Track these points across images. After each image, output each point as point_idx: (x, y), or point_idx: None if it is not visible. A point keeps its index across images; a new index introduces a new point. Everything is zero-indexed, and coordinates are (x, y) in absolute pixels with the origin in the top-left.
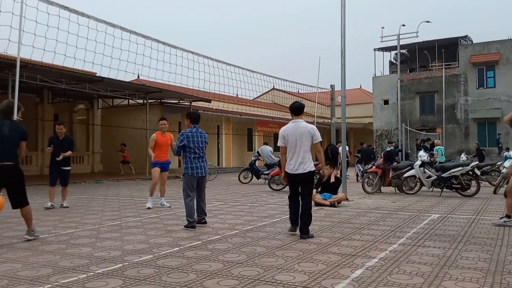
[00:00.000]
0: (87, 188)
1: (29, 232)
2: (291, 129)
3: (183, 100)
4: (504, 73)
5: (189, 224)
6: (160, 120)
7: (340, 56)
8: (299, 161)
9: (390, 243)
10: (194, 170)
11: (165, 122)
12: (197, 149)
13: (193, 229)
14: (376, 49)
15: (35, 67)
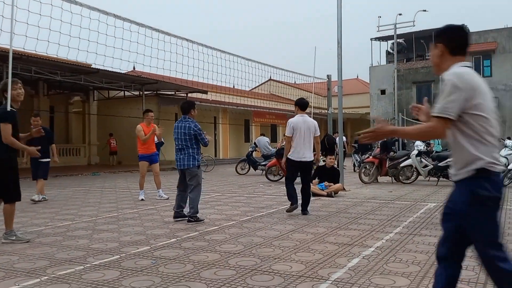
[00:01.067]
0: (83, 180)
1: (6, 234)
2: (301, 122)
3: (179, 91)
4: (500, 62)
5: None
6: (146, 111)
7: (336, 46)
8: (306, 150)
9: (387, 232)
10: (176, 163)
11: (151, 113)
12: (177, 141)
13: (176, 219)
14: (373, 39)
15: (30, 59)
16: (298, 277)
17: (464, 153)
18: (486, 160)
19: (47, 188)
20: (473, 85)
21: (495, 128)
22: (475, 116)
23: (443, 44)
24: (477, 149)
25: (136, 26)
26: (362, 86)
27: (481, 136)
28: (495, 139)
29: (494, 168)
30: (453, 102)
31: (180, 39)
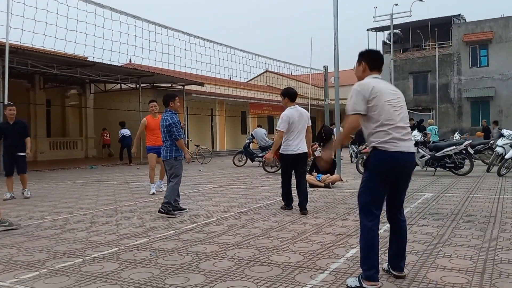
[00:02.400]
0: (81, 174)
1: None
2: (295, 115)
3: (175, 84)
4: (497, 51)
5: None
6: (149, 102)
7: (333, 36)
8: (300, 141)
9: (385, 222)
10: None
11: (155, 104)
12: (162, 134)
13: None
14: (369, 29)
15: (25, 52)
16: (297, 267)
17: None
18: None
19: (45, 182)
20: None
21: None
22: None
23: (366, 63)
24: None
25: (133, 19)
26: None
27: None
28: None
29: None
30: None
31: (177, 32)
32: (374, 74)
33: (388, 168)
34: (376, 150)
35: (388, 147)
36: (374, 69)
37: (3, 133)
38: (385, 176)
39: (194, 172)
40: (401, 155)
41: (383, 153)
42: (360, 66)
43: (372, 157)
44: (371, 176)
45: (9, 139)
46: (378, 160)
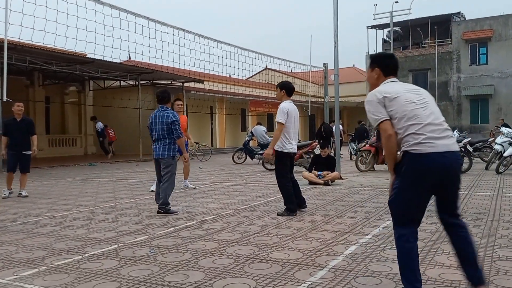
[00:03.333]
0: (80, 171)
1: None
2: (293, 109)
3: (175, 81)
4: (496, 49)
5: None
6: (175, 100)
7: (333, 34)
8: (296, 140)
9: (384, 219)
10: (153, 152)
11: (180, 102)
12: (154, 131)
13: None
14: (369, 27)
15: (24, 49)
16: (296, 264)
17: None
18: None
19: (44, 179)
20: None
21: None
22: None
23: (379, 69)
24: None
25: (132, 16)
26: (359, 75)
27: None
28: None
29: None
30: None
31: (176, 29)
32: (390, 78)
33: (425, 174)
34: (408, 154)
35: (422, 148)
36: (389, 74)
37: (9, 130)
38: (422, 182)
39: (193, 169)
40: (439, 156)
41: (417, 156)
42: (373, 72)
43: (404, 162)
44: (403, 184)
45: (15, 136)
46: (412, 165)
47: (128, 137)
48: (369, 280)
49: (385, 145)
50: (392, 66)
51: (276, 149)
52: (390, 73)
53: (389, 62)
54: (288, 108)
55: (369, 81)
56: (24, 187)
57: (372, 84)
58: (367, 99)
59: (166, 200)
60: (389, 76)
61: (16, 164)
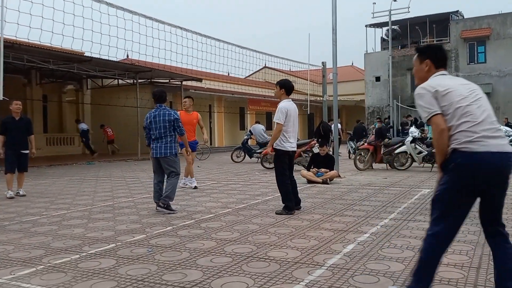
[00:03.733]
0: (78, 170)
1: None
2: (292, 108)
3: (173, 79)
4: (495, 48)
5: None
6: (185, 97)
7: (331, 32)
8: (295, 138)
9: (382, 218)
10: (152, 151)
11: (185, 100)
12: (154, 130)
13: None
14: (368, 26)
15: (21, 47)
16: (294, 263)
17: None
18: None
19: (42, 178)
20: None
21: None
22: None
23: (431, 60)
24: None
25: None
26: (357, 73)
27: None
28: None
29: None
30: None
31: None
32: (440, 71)
33: (474, 173)
34: (457, 153)
35: (473, 147)
36: (440, 66)
37: (7, 129)
38: (470, 182)
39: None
40: (491, 156)
41: (467, 155)
42: (423, 64)
43: (452, 160)
44: (450, 182)
45: (13, 135)
46: (461, 163)
47: (126, 136)
48: (367, 279)
49: (436, 140)
50: (443, 58)
51: (275, 147)
52: (441, 65)
53: (440, 53)
54: (287, 108)
55: (418, 74)
56: (22, 186)
57: (420, 78)
58: (417, 92)
59: (171, 195)
60: (439, 68)
61: (15, 165)
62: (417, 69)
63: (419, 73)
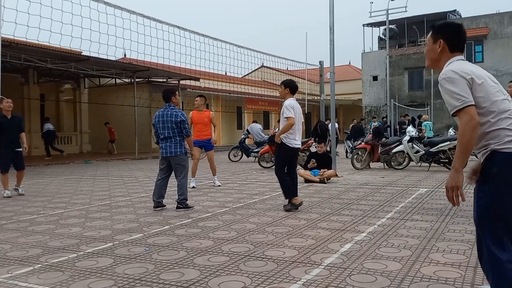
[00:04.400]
0: (75, 169)
1: None
2: (297, 106)
3: (171, 78)
4: (492, 47)
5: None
6: (197, 97)
7: (329, 31)
8: (300, 137)
9: (379, 217)
10: (161, 150)
11: (197, 99)
12: (162, 129)
13: (155, 209)
14: (365, 25)
15: (19, 46)
16: (291, 262)
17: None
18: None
19: (39, 176)
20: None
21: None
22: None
23: (444, 40)
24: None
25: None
26: (354, 72)
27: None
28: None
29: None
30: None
31: (172, 27)
32: (458, 56)
33: None
34: (499, 155)
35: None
36: (456, 50)
37: (2, 127)
38: None
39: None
40: None
41: (511, 156)
42: (436, 44)
43: (495, 164)
44: (500, 189)
45: (8, 134)
46: (507, 167)
47: (123, 135)
48: (364, 278)
49: (467, 135)
50: (461, 40)
51: (281, 140)
52: (456, 48)
53: (458, 34)
54: (293, 105)
55: (430, 55)
56: (21, 184)
57: (432, 59)
58: (447, 75)
59: (186, 196)
60: (455, 52)
61: (10, 164)
62: (429, 48)
63: (430, 54)
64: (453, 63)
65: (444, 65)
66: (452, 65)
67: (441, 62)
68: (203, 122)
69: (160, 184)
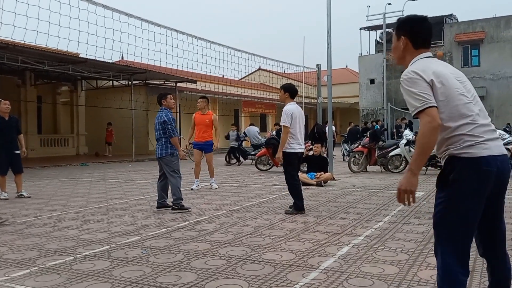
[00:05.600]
0: (72, 171)
1: None
2: (297, 111)
3: (168, 81)
4: (488, 51)
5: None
6: (200, 98)
7: (326, 35)
8: (302, 139)
9: (376, 221)
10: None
11: (200, 100)
12: (155, 132)
13: (158, 209)
14: (362, 28)
15: (16, 48)
16: (288, 266)
17: None
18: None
19: (36, 179)
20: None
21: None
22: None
23: (406, 37)
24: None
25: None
26: (351, 76)
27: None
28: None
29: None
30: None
31: (169, 30)
32: (424, 53)
33: (480, 182)
34: (457, 160)
35: (476, 151)
36: (420, 47)
37: (0, 129)
38: (480, 191)
39: (186, 169)
40: (494, 159)
41: (470, 161)
42: (399, 41)
43: (454, 169)
44: (459, 195)
45: (5, 135)
46: (467, 170)
47: (120, 138)
48: (361, 282)
49: (426, 137)
50: (424, 36)
51: (284, 150)
52: (420, 45)
53: (419, 29)
54: (292, 111)
55: (395, 53)
56: (22, 188)
57: (398, 57)
58: (407, 76)
59: (179, 195)
60: (419, 49)
61: (8, 166)
62: (393, 46)
63: (396, 52)
64: (416, 63)
65: (409, 63)
66: (414, 65)
67: (407, 59)
68: (204, 123)
69: (159, 185)
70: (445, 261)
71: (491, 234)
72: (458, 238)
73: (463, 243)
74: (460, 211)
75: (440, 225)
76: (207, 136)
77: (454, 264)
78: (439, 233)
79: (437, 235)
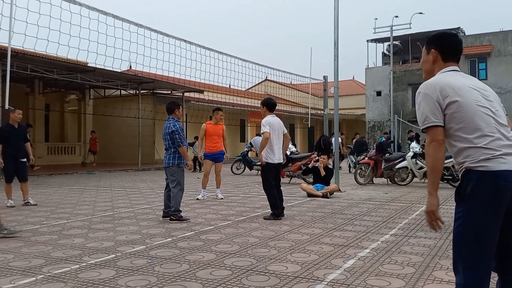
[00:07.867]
0: (79, 179)
1: None
2: (276, 122)
3: (175, 90)
4: (495, 65)
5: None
6: (216, 110)
7: (333, 47)
8: (280, 151)
9: (382, 233)
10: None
11: (219, 112)
12: (164, 141)
13: (163, 218)
14: (369, 40)
15: (26, 56)
16: (294, 277)
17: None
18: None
19: (42, 187)
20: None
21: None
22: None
23: (437, 50)
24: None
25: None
26: (358, 87)
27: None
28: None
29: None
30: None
31: (178, 40)
32: (451, 67)
33: (497, 197)
34: (473, 173)
35: (491, 165)
36: (449, 59)
37: (7, 136)
38: (498, 207)
39: (192, 179)
40: (511, 175)
41: (486, 174)
42: (429, 55)
43: (470, 183)
44: (476, 210)
45: (14, 143)
46: (481, 186)
47: (127, 146)
48: None
49: (431, 157)
50: (454, 49)
51: (262, 161)
52: (450, 58)
53: (450, 43)
54: (268, 120)
55: (424, 67)
56: (28, 196)
57: (426, 71)
58: (422, 90)
59: (177, 207)
60: (448, 62)
61: (14, 173)
62: (423, 60)
63: (425, 65)
64: (436, 75)
65: None
66: (433, 78)
67: (435, 72)
68: (217, 133)
69: (165, 194)
70: (467, 278)
71: (506, 249)
72: (478, 255)
73: (483, 260)
74: (477, 228)
75: (460, 242)
76: (220, 146)
77: (475, 282)
78: (458, 249)
79: (456, 252)
